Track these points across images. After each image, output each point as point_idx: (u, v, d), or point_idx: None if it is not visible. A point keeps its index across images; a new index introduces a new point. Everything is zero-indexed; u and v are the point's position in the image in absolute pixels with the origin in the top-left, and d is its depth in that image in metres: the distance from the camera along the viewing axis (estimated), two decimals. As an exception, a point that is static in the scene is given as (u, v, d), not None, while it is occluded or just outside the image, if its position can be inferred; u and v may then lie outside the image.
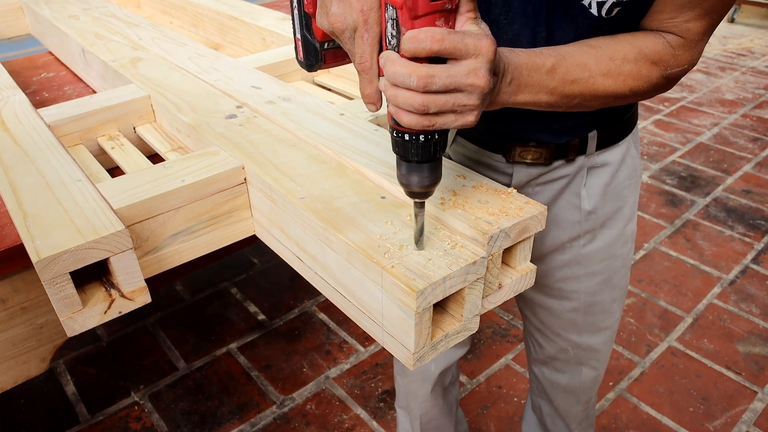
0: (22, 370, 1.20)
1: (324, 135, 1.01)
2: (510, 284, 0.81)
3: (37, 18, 1.88)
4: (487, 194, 0.82)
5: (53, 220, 0.79)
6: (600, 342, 1.21)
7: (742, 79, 4.23)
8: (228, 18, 1.87)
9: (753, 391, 1.87)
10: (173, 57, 1.43)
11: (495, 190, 0.83)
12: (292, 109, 1.12)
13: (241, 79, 1.28)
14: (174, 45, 1.51)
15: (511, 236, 0.76)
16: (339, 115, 1.09)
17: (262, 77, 1.29)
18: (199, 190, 0.90)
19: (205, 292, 2.34)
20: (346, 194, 0.84)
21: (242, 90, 1.22)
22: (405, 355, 0.71)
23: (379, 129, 1.04)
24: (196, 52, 1.46)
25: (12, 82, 1.35)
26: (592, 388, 1.29)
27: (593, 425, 1.43)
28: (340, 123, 1.06)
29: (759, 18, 5.31)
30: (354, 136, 1.01)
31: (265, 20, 1.78)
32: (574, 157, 1.01)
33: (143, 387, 1.93)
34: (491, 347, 2.05)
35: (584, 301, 1.15)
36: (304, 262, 0.88)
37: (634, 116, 1.06)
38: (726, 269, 2.39)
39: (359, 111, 1.16)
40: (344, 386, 1.92)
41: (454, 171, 0.89)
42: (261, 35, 1.76)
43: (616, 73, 0.81)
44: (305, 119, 1.07)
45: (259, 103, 1.15)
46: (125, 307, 0.82)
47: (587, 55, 0.80)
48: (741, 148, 3.31)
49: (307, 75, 1.54)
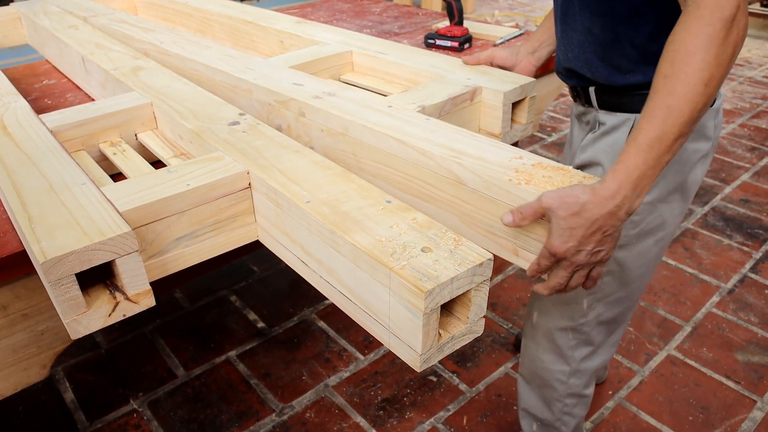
0: (22, 376, 1.20)
1: (380, 124, 1.04)
2: None
3: (35, 28, 1.88)
4: (547, 171, 0.87)
5: (58, 223, 0.79)
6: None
7: (739, 88, 4.25)
8: (241, 23, 1.87)
9: (752, 400, 1.87)
10: (202, 58, 1.44)
11: (553, 167, 0.87)
12: (341, 103, 1.14)
13: (279, 77, 1.30)
14: (199, 47, 1.52)
15: None
16: (388, 107, 1.12)
17: (299, 75, 1.31)
18: (203, 194, 0.91)
19: (205, 299, 2.33)
20: (351, 198, 0.84)
21: (285, 87, 1.24)
22: (412, 356, 0.71)
23: (429, 119, 1.07)
24: (224, 53, 1.47)
25: (13, 89, 1.35)
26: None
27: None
28: (390, 113, 1.10)
29: (756, 28, 5.35)
30: (408, 124, 1.05)
31: (282, 24, 1.79)
32: None
33: (142, 394, 1.92)
34: (491, 355, 2.04)
35: None
36: (309, 266, 0.88)
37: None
38: (725, 278, 2.40)
39: (405, 103, 1.18)
40: (344, 394, 1.91)
41: (511, 152, 0.95)
42: (279, 38, 1.76)
43: (692, 83, 0.80)
44: (356, 111, 1.10)
45: (306, 98, 1.17)
46: (129, 310, 0.82)
47: (662, 95, 0.82)
48: (739, 157, 3.32)
49: (334, 73, 1.57)
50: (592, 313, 1.25)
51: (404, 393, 1.91)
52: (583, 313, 1.25)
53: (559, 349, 1.33)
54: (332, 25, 2.20)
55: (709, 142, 1.12)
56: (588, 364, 1.36)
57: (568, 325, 1.29)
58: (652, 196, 1.12)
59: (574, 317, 1.27)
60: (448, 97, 1.19)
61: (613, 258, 1.17)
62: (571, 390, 1.38)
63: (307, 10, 2.49)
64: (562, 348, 1.32)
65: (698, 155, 1.12)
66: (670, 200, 1.14)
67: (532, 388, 1.45)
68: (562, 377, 1.37)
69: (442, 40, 1.91)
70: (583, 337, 1.29)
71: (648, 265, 1.22)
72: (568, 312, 1.27)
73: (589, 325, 1.27)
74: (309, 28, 1.74)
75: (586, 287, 0.92)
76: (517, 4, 6.83)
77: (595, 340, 1.31)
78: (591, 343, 1.32)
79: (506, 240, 0.89)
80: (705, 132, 1.11)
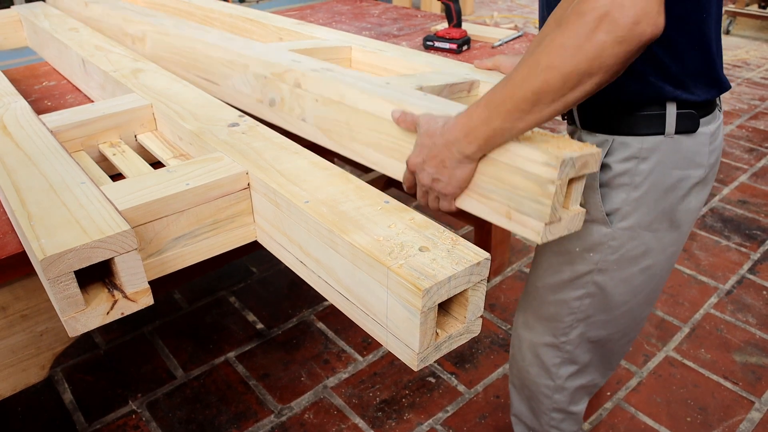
0: (21, 377, 1.20)
1: (376, 92, 1.05)
2: (566, 219, 0.86)
3: (35, 30, 1.89)
4: (545, 137, 0.86)
5: (58, 221, 0.79)
6: None
7: (737, 90, 4.27)
8: (242, 20, 1.88)
9: (750, 401, 1.87)
10: (200, 35, 1.46)
11: (552, 135, 0.88)
12: (339, 77, 1.14)
13: (278, 55, 1.30)
14: (201, 31, 1.53)
15: (576, 167, 0.81)
16: (386, 84, 1.13)
17: (297, 55, 1.31)
18: (202, 194, 0.91)
19: (204, 300, 2.34)
20: (350, 199, 0.85)
21: (283, 61, 1.24)
22: (409, 355, 0.72)
23: (427, 94, 1.08)
24: (224, 36, 1.48)
25: (12, 89, 1.36)
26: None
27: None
28: (388, 87, 1.10)
29: (754, 30, 5.37)
30: (405, 95, 1.05)
31: (282, 23, 1.80)
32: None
33: (141, 395, 1.92)
34: (489, 357, 2.05)
35: None
36: (307, 266, 0.88)
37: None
38: (723, 279, 2.40)
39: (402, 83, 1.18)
40: (342, 396, 1.91)
41: None
42: (279, 35, 1.77)
43: (533, 64, 0.79)
44: (354, 84, 1.09)
45: (305, 70, 1.17)
46: (128, 309, 0.83)
47: (516, 68, 0.84)
48: (737, 158, 3.33)
49: None
50: (574, 332, 1.23)
51: (403, 394, 1.91)
52: (564, 332, 1.24)
53: (543, 364, 1.31)
54: (331, 27, 2.21)
55: (701, 169, 1.05)
56: (574, 382, 1.33)
57: (551, 342, 1.27)
58: (630, 221, 1.07)
59: (556, 334, 1.25)
60: (445, 83, 1.19)
61: (592, 281, 1.15)
62: (557, 405, 1.36)
63: (306, 12, 2.50)
64: (547, 363, 1.31)
65: (688, 183, 1.05)
66: (654, 229, 1.08)
67: (522, 397, 1.44)
68: (547, 391, 1.35)
69: (440, 42, 1.92)
70: (567, 355, 1.28)
71: (634, 293, 1.17)
72: (550, 328, 1.25)
73: (572, 343, 1.25)
74: (308, 27, 1.75)
75: (438, 210, 0.98)
76: (515, 5, 6.85)
77: (580, 360, 1.29)
78: (575, 362, 1.29)
79: (499, 203, 0.87)
80: (696, 159, 1.04)
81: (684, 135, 1.01)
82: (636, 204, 1.05)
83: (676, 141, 1.00)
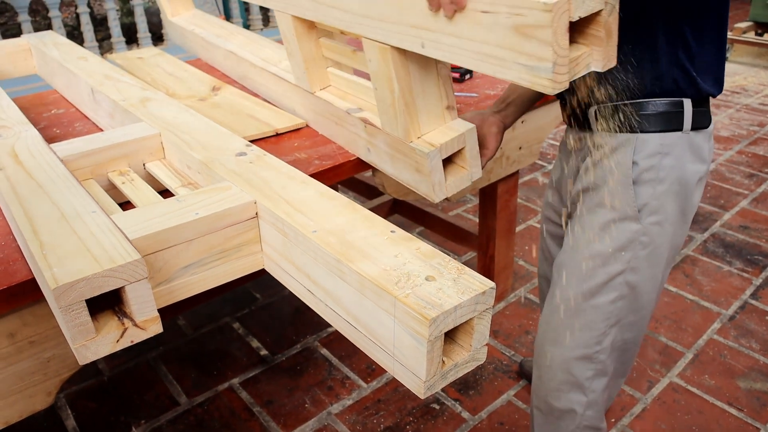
0: (28, 404, 1.20)
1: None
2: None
3: (45, 59, 1.92)
4: None
5: (70, 250, 0.80)
6: None
7: (736, 116, 4.29)
8: None
9: (755, 427, 1.86)
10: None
11: None
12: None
13: None
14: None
15: None
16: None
17: None
18: (212, 223, 0.92)
19: (207, 326, 2.34)
20: (357, 228, 0.86)
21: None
22: (416, 383, 0.72)
23: None
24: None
25: (23, 118, 1.38)
26: None
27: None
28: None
29: (751, 56, 5.41)
30: None
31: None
32: None
33: (144, 422, 1.92)
34: (493, 383, 2.05)
35: None
36: (315, 294, 0.89)
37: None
38: (725, 305, 2.40)
39: None
40: (346, 422, 1.91)
41: None
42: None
43: None
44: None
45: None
46: (137, 336, 0.83)
47: None
48: (737, 184, 3.34)
49: None
50: (607, 339, 1.25)
51: (407, 421, 1.91)
52: (598, 340, 1.25)
53: (576, 380, 1.31)
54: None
55: (705, 165, 1.15)
56: (603, 395, 1.35)
57: (584, 354, 1.28)
58: (658, 216, 1.14)
59: (589, 344, 1.26)
60: None
61: (624, 281, 1.18)
62: (588, 422, 1.36)
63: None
64: (579, 379, 1.31)
65: (697, 177, 1.14)
66: (674, 222, 1.16)
67: (548, 420, 1.43)
68: (579, 409, 1.35)
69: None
70: (600, 366, 1.29)
71: (657, 290, 1.24)
72: (583, 339, 1.26)
73: (604, 352, 1.27)
74: None
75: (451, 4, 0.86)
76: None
77: (609, 369, 1.31)
78: (606, 373, 1.31)
79: None
80: (702, 154, 1.13)
81: (694, 132, 1.09)
82: (662, 198, 1.12)
83: (690, 137, 1.09)
